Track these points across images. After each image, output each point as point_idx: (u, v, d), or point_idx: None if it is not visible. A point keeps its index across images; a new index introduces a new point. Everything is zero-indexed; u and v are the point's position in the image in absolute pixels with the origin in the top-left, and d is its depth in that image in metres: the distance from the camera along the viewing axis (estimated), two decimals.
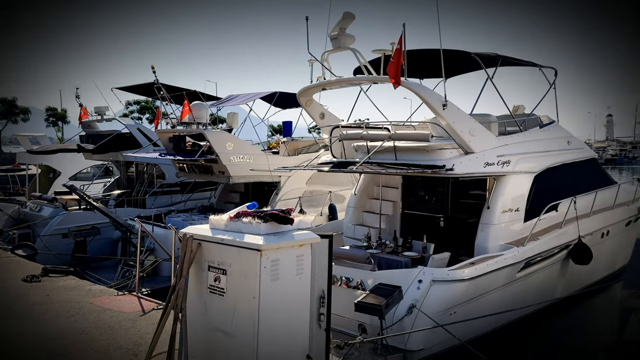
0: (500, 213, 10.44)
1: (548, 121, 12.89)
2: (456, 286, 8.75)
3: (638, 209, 14.34)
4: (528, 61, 12.20)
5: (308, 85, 11.29)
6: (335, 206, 16.98)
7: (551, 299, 11.10)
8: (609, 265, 13.46)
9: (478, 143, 10.21)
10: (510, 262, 9.62)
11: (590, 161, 13.63)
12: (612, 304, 10.51)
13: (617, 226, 13.41)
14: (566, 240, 11.11)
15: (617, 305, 7.55)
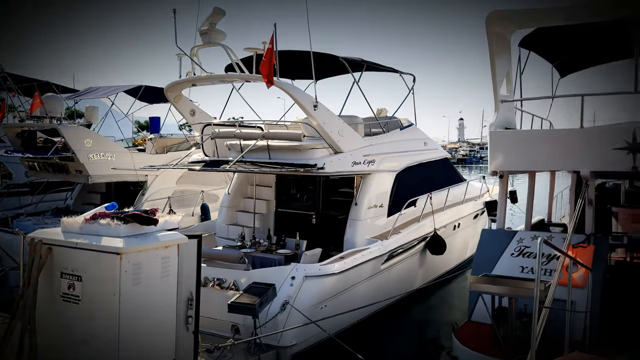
0: (366, 209, 11.02)
1: (407, 124, 13.90)
2: (327, 280, 9.06)
3: (483, 203, 16.11)
4: (390, 67, 13.03)
5: (176, 80, 10.86)
6: (208, 206, 16.55)
7: (412, 287, 12.00)
8: (460, 254, 14.97)
9: (346, 143, 10.66)
10: (375, 254, 10.21)
11: (443, 160, 14.99)
12: (463, 289, 11.66)
13: (467, 219, 14.94)
14: (424, 233, 12.10)
15: (466, 289, 8.44)
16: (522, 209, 11.09)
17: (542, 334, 7.25)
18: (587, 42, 10.58)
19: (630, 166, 7.62)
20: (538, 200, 13.68)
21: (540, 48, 10.59)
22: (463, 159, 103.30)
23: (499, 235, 9.26)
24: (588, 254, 8.17)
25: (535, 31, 9.48)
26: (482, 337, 7.49)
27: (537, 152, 8.33)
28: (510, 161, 8.66)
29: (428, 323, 11.36)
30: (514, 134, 8.84)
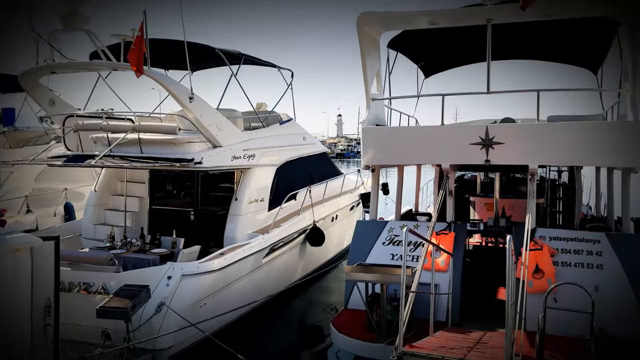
0: (247, 204, 10.95)
1: (287, 118, 14.06)
2: (207, 278, 8.84)
3: (359, 195, 16.88)
4: (268, 62, 13.05)
5: (32, 67, 9.80)
6: (73, 205, 15.20)
7: (293, 280, 12.21)
8: (338, 244, 15.54)
9: (225, 137, 10.47)
10: (256, 249, 10.19)
11: (321, 155, 15.42)
12: (342, 279, 12.14)
13: (344, 211, 15.55)
14: (304, 225, 12.35)
15: (343, 279, 8.81)
16: (394, 200, 11.79)
17: (411, 316, 7.84)
18: (449, 45, 11.54)
19: (483, 159, 8.48)
20: (408, 191, 14.69)
21: (406, 49, 11.32)
22: (342, 154, 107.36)
23: (372, 225, 9.76)
24: (449, 240, 8.97)
25: (401, 33, 10.11)
26: (358, 323, 7.85)
27: (404, 147, 8.92)
28: (381, 156, 9.16)
29: (308, 314, 11.64)
30: (384, 130, 9.36)
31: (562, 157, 8.56)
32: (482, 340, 6.51)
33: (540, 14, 8.05)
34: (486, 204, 13.17)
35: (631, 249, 7.98)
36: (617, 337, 7.23)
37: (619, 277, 7.72)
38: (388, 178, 18.40)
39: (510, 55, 12.60)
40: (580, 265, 8.02)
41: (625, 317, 7.42)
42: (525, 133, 8.33)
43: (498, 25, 8.95)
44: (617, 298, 7.54)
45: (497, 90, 9.05)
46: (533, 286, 7.84)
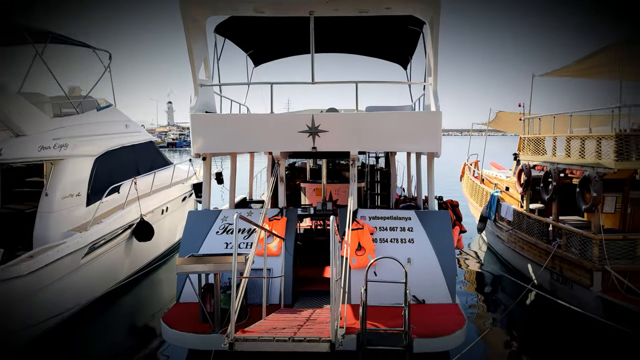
0: (60, 199, 9.81)
1: (106, 104, 12.92)
2: (14, 284, 7.75)
3: (191, 185, 16.36)
4: (81, 42, 11.80)
5: None
6: None
7: (120, 278, 11.34)
8: (170, 238, 14.88)
9: (30, 124, 9.21)
10: (73, 249, 9.21)
11: (148, 144, 14.54)
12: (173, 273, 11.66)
13: (175, 202, 14.93)
14: (129, 220, 11.53)
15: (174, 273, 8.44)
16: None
17: (246, 302, 7.87)
18: (277, 35, 11.73)
19: (311, 146, 8.84)
20: (243, 180, 14.69)
21: (234, 36, 11.21)
22: (173, 143, 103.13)
23: (205, 215, 9.53)
24: (282, 225, 9.20)
25: (229, 19, 9.97)
26: (190, 316, 7.61)
27: (235, 135, 8.84)
28: (211, 144, 8.95)
29: (139, 313, 10.94)
30: (214, 117, 9.16)
31: (378, 144, 9.33)
32: (312, 317, 6.83)
33: (353, 9, 8.61)
34: (315, 189, 13.83)
35: (436, 224, 9.11)
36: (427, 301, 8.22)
37: (427, 250, 8.74)
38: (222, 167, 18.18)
39: (333, 48, 13.31)
40: (395, 241, 8.89)
41: (433, 283, 8.45)
42: (346, 122, 8.89)
43: (322, 19, 9.36)
44: (426, 268, 8.55)
45: (322, 81, 9.46)
46: (356, 262, 8.47)
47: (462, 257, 15.47)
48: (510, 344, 9.38)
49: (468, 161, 20.33)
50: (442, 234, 8.95)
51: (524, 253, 12.04)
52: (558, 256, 10.15)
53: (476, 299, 12.01)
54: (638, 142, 9.04)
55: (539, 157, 12.16)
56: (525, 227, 12.06)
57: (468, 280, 13.37)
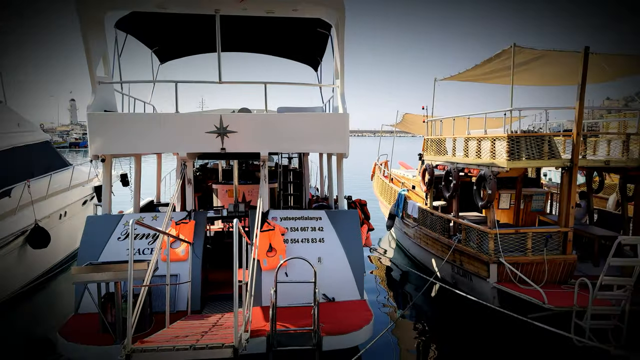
0: None
1: None
2: None
3: (93, 188, 15.41)
4: None
5: None
6: None
7: (13, 289, 10.42)
8: (69, 244, 13.92)
9: None
10: None
11: (43, 144, 13.50)
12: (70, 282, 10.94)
13: (75, 206, 13.98)
14: (23, 226, 10.64)
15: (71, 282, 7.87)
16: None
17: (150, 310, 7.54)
18: (182, 32, 11.36)
19: (219, 147, 8.65)
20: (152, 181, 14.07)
21: (136, 32, 10.71)
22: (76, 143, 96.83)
23: (105, 220, 9.01)
24: (189, 229, 8.93)
25: (130, 14, 9.50)
26: (90, 328, 7.16)
27: (137, 135, 8.43)
28: (112, 144, 8.48)
29: (34, 326, 10.10)
30: (115, 117, 8.68)
31: (290, 145, 9.34)
32: (219, 323, 6.69)
33: (260, 9, 8.56)
34: (228, 190, 13.59)
35: (345, 223, 9.30)
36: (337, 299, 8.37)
37: (337, 249, 8.90)
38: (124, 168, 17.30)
39: (242, 47, 13.15)
40: (306, 241, 8.96)
41: (342, 281, 8.62)
42: (255, 122, 8.81)
43: (229, 17, 9.21)
44: (336, 266, 8.70)
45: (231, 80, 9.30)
46: (267, 264, 8.44)
47: (372, 254, 15.97)
48: (416, 334, 9.82)
49: (378, 161, 21.02)
50: (351, 233, 9.15)
51: (428, 248, 12.66)
52: (458, 250, 10.78)
53: (385, 294, 12.44)
54: (527, 142, 9.83)
55: (441, 157, 12.84)
56: (429, 224, 12.68)
57: (378, 277, 13.81)
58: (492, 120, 14.22)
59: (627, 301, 7.75)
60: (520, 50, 9.98)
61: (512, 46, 9.91)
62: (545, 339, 7.92)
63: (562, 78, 12.81)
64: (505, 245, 9.70)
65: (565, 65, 11.01)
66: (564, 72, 11.92)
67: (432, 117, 14.70)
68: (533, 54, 10.24)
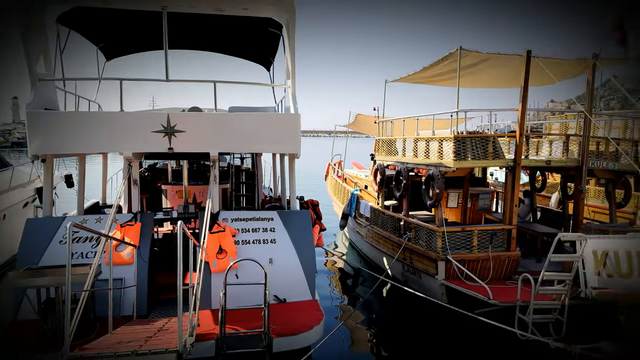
0: None
1: None
2: None
3: (35, 189, 14.72)
4: None
5: None
6: None
7: None
8: (10, 248, 13.23)
9: None
10: None
11: None
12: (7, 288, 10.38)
13: (15, 208, 13.32)
14: None
15: None
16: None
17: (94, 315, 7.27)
18: (129, 28, 11.02)
19: (166, 147, 8.45)
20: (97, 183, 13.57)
21: (80, 27, 10.31)
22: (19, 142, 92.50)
23: (45, 223, 8.61)
24: (135, 231, 8.67)
25: (73, 9, 9.12)
26: (28, 335, 6.83)
27: (80, 134, 8.11)
28: (52, 144, 8.11)
29: None
30: (55, 115, 8.30)
31: (241, 145, 9.23)
32: (165, 328, 6.53)
33: (209, 6, 8.44)
34: (177, 191, 13.29)
35: (297, 223, 9.28)
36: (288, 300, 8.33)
37: (288, 249, 8.87)
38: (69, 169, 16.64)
39: (192, 45, 12.90)
40: (258, 242, 8.89)
41: (293, 282, 8.60)
42: (205, 122, 8.66)
43: (178, 14, 9.00)
44: (288, 267, 8.67)
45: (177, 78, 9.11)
46: (217, 266, 8.31)
47: (326, 254, 16.03)
48: (367, 332, 9.93)
49: (332, 161, 21.15)
50: (302, 233, 9.14)
51: (380, 247, 12.83)
52: (408, 248, 10.98)
53: (337, 293, 12.52)
54: (473, 143, 10.13)
55: (392, 157, 13.05)
56: (381, 223, 12.86)
57: (330, 276, 13.88)
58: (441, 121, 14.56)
59: (566, 295, 8.12)
60: (466, 53, 10.27)
61: (458, 49, 10.19)
62: (491, 334, 8.17)
63: (508, 80, 13.26)
64: (453, 242, 9.96)
65: (510, 67, 11.41)
66: (509, 75, 12.35)
67: (384, 117, 14.91)
68: (479, 56, 10.55)
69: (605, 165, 10.79)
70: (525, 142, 10.56)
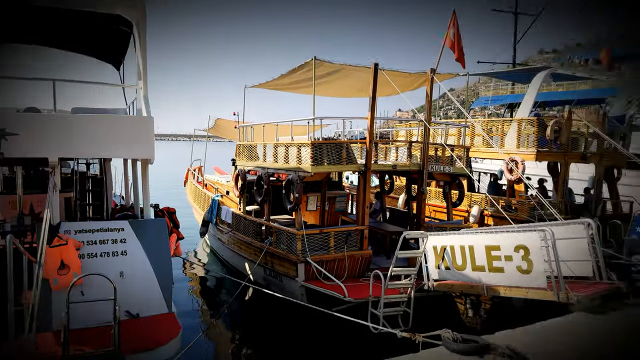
0: None
1: None
2: None
3: None
4: None
5: None
6: None
7: None
8: None
9: None
10: None
11: None
12: None
13: None
14: None
15: None
16: None
17: None
18: None
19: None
20: None
21: None
22: None
23: None
24: None
25: None
26: None
27: None
28: None
29: None
30: None
31: (86, 150, 8.49)
32: None
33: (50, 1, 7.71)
34: (11, 201, 11.77)
35: (151, 233, 8.79)
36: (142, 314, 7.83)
37: (142, 261, 8.36)
38: None
39: (32, 40, 11.57)
40: (106, 255, 8.24)
41: (148, 295, 8.11)
42: (43, 124, 7.82)
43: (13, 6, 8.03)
44: (141, 280, 8.16)
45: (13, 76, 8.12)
46: (59, 283, 7.53)
47: (186, 264, 15.47)
48: (230, 338, 9.79)
49: (191, 167, 20.51)
50: (157, 243, 8.70)
51: (242, 253, 12.75)
52: (270, 253, 11.07)
53: (198, 303, 12.15)
54: (329, 149, 10.57)
55: (252, 162, 13.07)
56: (242, 228, 12.79)
57: (190, 286, 13.43)
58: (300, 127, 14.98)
59: (412, 288, 8.86)
60: (320, 63, 10.71)
61: (313, 59, 10.59)
62: (349, 329, 8.56)
63: (361, 90, 14.13)
64: (311, 244, 10.28)
65: (361, 79, 12.16)
66: (362, 85, 13.16)
67: (244, 122, 14.88)
68: (332, 67, 11.09)
69: (442, 169, 12.04)
70: (375, 148, 11.32)
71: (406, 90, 13.49)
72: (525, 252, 7.75)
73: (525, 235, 7.84)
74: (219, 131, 19.62)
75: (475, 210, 14.24)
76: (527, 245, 7.74)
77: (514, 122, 14.60)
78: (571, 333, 6.68)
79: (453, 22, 11.86)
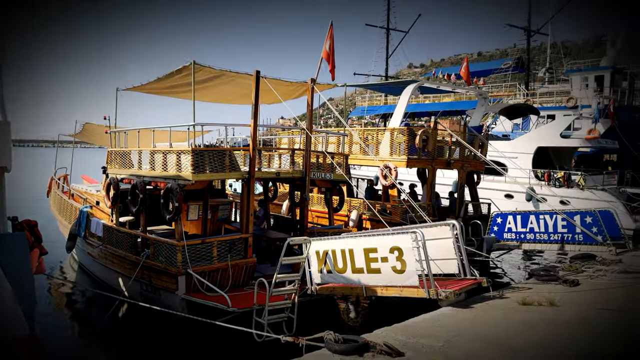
0: None
1: None
2: None
3: None
4: None
5: None
6: None
7: None
8: None
9: None
10: None
11: None
12: None
13: None
14: None
15: None
16: None
17: None
18: None
19: None
20: None
21: None
22: None
23: None
24: None
25: None
26: None
27: None
28: None
29: None
30: None
31: None
32: None
33: None
34: None
35: (8, 249, 7.86)
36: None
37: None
38: None
39: None
40: None
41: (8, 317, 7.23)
42: None
43: None
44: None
45: None
46: None
47: (51, 281, 14.08)
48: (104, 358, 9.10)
49: (56, 175, 18.73)
50: (17, 259, 7.80)
51: (115, 268, 11.91)
52: (147, 266, 10.49)
53: (66, 323, 11.13)
54: (211, 156, 10.33)
55: (126, 170, 12.31)
56: (115, 241, 11.95)
57: (56, 305, 12.25)
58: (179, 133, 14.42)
59: (295, 294, 8.97)
60: (199, 68, 10.46)
61: (192, 63, 10.30)
62: (234, 339, 8.40)
63: (243, 97, 14.02)
64: (193, 255, 9.93)
65: (244, 86, 12.07)
66: (244, 92, 13.07)
67: (116, 128, 13.98)
68: (212, 72, 10.88)
69: (324, 176, 12.41)
70: (258, 156, 11.32)
71: (288, 98, 13.68)
72: (400, 253, 8.27)
73: (399, 237, 8.37)
74: (87, 136, 18.16)
75: (355, 214, 14.88)
76: (400, 247, 8.26)
77: (387, 132, 15.56)
78: (439, 325, 7.29)
79: (330, 34, 12.34)
